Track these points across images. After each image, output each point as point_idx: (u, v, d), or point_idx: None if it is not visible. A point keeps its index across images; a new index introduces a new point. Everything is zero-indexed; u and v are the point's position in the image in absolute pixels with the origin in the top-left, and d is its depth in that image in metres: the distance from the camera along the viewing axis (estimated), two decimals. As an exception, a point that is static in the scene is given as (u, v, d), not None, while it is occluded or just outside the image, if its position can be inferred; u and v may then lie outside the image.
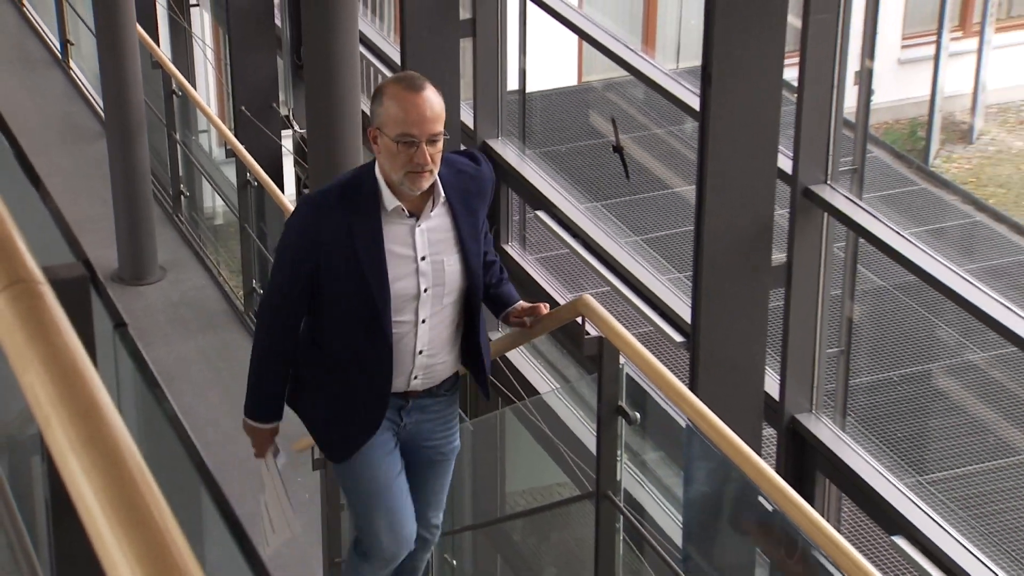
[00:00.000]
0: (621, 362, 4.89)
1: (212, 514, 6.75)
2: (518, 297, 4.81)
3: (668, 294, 9.04)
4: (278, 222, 9.51)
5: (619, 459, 5.03)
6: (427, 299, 4.46)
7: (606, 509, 5.06)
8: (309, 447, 5.54)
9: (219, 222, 12.39)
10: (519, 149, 10.65)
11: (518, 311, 4.76)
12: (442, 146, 4.34)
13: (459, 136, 10.33)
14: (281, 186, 11.06)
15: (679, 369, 8.85)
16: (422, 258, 4.43)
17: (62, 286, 2.00)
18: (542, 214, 10.19)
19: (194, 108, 11.19)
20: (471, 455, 6.62)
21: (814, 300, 7.98)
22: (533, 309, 4.77)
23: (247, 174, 9.46)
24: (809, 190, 7.82)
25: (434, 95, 4.30)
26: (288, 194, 11.42)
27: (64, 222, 9.26)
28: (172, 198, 10.67)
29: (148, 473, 1.55)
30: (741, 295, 7.81)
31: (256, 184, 9.38)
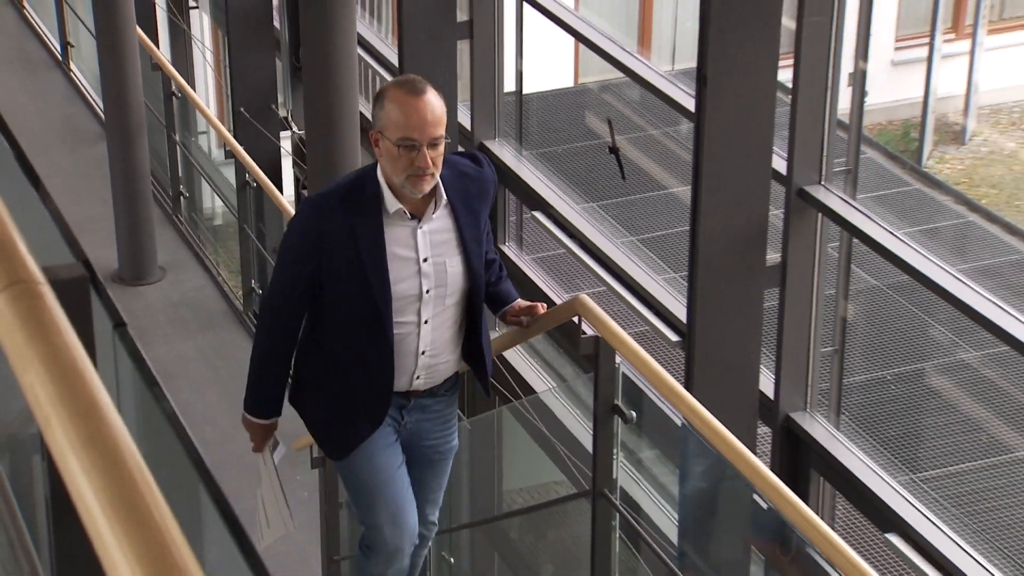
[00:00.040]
0: (617, 361, 4.89)
1: (211, 512, 6.74)
2: (516, 295, 4.83)
3: (664, 294, 9.02)
4: (277, 222, 9.52)
5: (615, 457, 5.03)
6: (429, 300, 4.48)
7: (602, 507, 5.07)
8: (308, 445, 5.56)
9: (218, 223, 12.36)
10: (516, 150, 10.64)
11: (515, 310, 4.78)
12: (443, 149, 4.34)
13: (456, 137, 10.33)
14: (280, 187, 11.04)
15: (675, 368, 8.87)
16: (424, 260, 4.44)
17: (62, 286, 2.00)
18: (539, 214, 10.17)
19: (193, 109, 11.18)
20: (469, 453, 6.61)
21: (808, 300, 7.99)
22: (530, 308, 4.77)
23: (246, 175, 9.47)
24: (803, 190, 7.82)
25: (435, 98, 4.30)
26: (287, 195, 11.42)
27: (64, 223, 9.25)
28: (172, 199, 10.67)
29: (147, 472, 1.55)
30: (736, 295, 7.80)
31: (255, 185, 9.39)
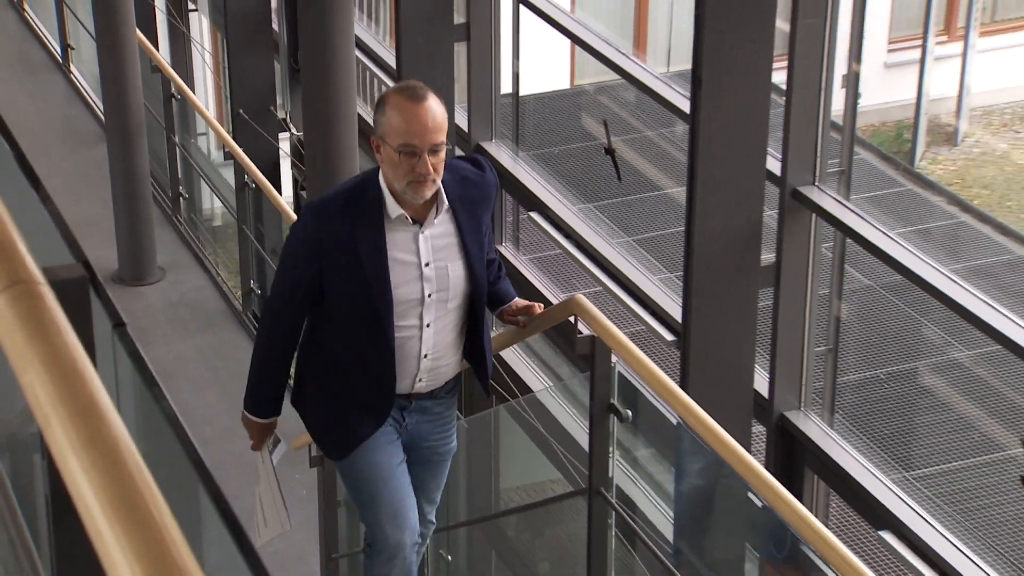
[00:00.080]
0: (613, 360, 4.90)
1: (210, 510, 6.75)
2: (514, 294, 4.84)
3: (659, 294, 9.01)
4: (275, 223, 9.55)
5: (611, 456, 5.04)
6: (431, 304, 4.48)
7: (598, 505, 5.08)
8: (307, 444, 5.56)
9: (217, 223, 12.35)
10: (512, 151, 10.65)
11: (513, 309, 4.79)
12: (444, 155, 4.34)
13: (454, 139, 10.36)
14: (278, 188, 11.04)
15: (670, 367, 8.83)
16: (426, 264, 4.44)
17: (62, 287, 2.00)
18: (535, 215, 10.17)
19: (193, 111, 11.17)
20: (466, 452, 6.59)
21: (802, 299, 7.98)
22: (527, 308, 4.78)
23: (245, 176, 9.47)
24: (797, 191, 7.82)
25: (436, 105, 4.30)
26: (285, 196, 11.40)
27: (64, 224, 9.28)
28: (171, 200, 10.66)
29: (146, 471, 1.54)
30: (731, 295, 7.81)
31: (254, 186, 9.39)
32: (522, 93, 10.83)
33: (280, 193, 9.80)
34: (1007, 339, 7.13)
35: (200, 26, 15.24)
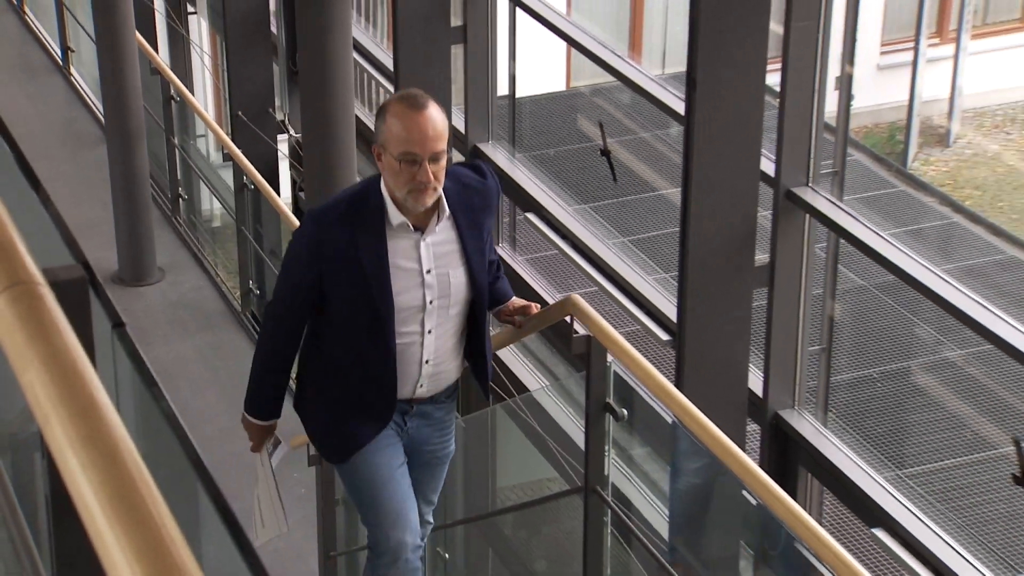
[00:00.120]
0: (609, 360, 4.91)
1: (208, 509, 6.78)
2: (511, 294, 4.85)
3: (654, 294, 9.01)
4: (274, 224, 9.58)
5: (607, 454, 5.05)
6: (433, 311, 4.48)
7: (594, 503, 5.09)
8: (305, 443, 5.50)
9: (216, 224, 12.31)
10: (509, 153, 10.64)
11: (510, 309, 4.82)
12: (445, 163, 4.34)
13: (451, 140, 10.38)
14: (277, 189, 11.04)
15: (665, 367, 8.86)
16: (427, 271, 4.44)
17: (61, 287, 2.01)
18: (532, 216, 10.17)
19: (192, 113, 11.18)
20: (463, 451, 6.55)
21: (796, 299, 7.98)
22: (524, 308, 4.81)
23: (244, 177, 9.48)
24: (791, 192, 7.82)
25: (437, 113, 4.30)
26: (284, 197, 11.42)
27: (64, 225, 9.33)
28: (171, 201, 10.68)
29: (145, 470, 1.55)
30: (725, 295, 7.81)
31: (252, 187, 9.41)
32: (518, 95, 10.82)
33: (279, 194, 9.82)
34: (999, 338, 7.13)
35: (199, 29, 15.20)
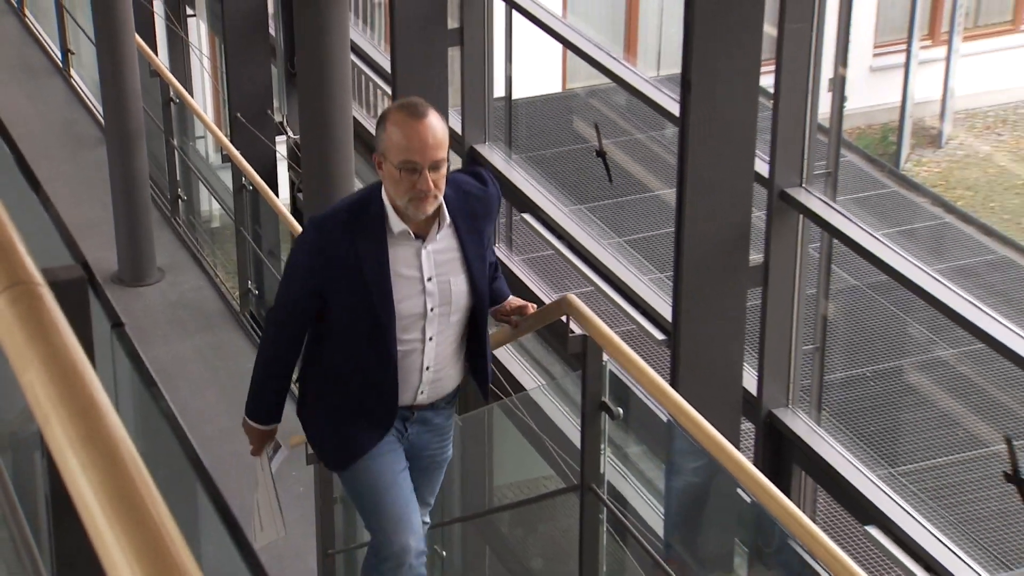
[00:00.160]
0: (604, 359, 4.92)
1: (207, 508, 6.79)
2: (508, 293, 4.87)
3: (650, 293, 9.04)
4: (273, 225, 9.61)
5: (603, 453, 5.07)
6: (434, 318, 4.48)
7: (590, 501, 5.10)
8: (303, 442, 5.58)
9: (215, 225, 12.31)
10: (505, 154, 10.67)
11: (506, 309, 4.83)
12: (445, 171, 4.32)
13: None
14: (275, 190, 11.05)
15: (660, 366, 8.84)
16: (428, 279, 4.44)
17: (61, 287, 2.02)
18: (528, 216, 10.19)
19: (191, 115, 11.20)
20: (460, 449, 6.48)
21: (790, 299, 8.01)
22: (521, 308, 4.83)
23: (242, 178, 9.50)
24: (785, 193, 7.85)
25: (437, 121, 4.28)
26: (282, 198, 11.44)
27: (64, 226, 9.35)
28: (170, 202, 10.69)
29: (145, 469, 1.55)
30: (720, 294, 7.83)
31: (251, 188, 9.43)
32: (515, 97, 10.84)
33: (277, 195, 9.86)
34: (990, 337, 7.17)
35: (198, 31, 15.18)
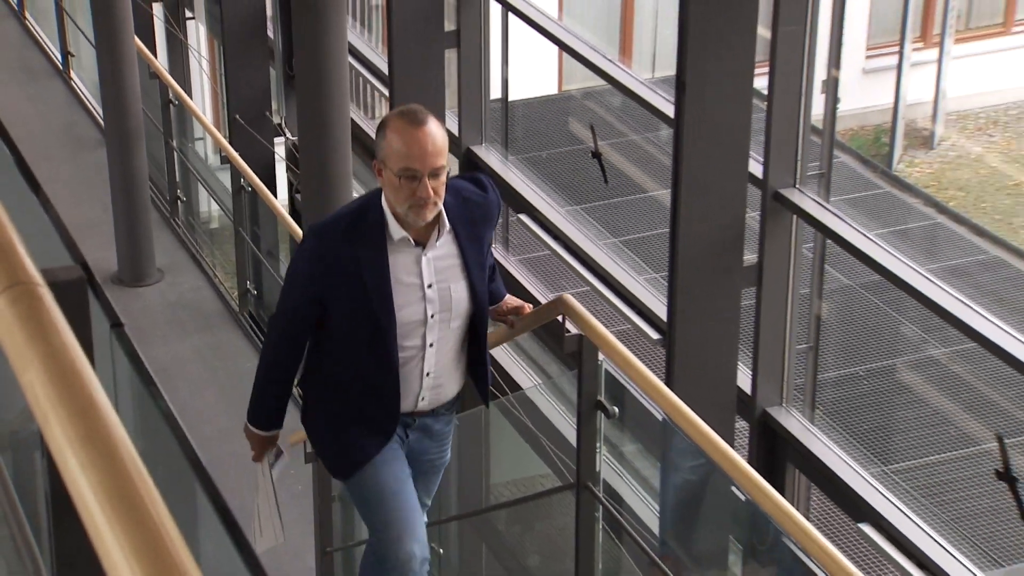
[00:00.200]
0: (600, 359, 4.94)
1: (206, 508, 6.84)
2: (505, 293, 4.88)
3: (645, 293, 9.02)
4: (271, 226, 9.66)
5: (598, 451, 5.08)
6: (434, 324, 4.49)
7: (586, 499, 5.12)
8: (302, 440, 5.57)
9: (215, 226, 12.33)
10: (502, 155, 10.67)
11: (503, 309, 4.85)
12: (445, 178, 4.32)
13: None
14: (274, 191, 11.07)
15: (655, 365, 8.79)
16: (428, 286, 4.45)
17: (60, 288, 2.02)
18: (524, 217, 10.19)
19: (190, 117, 11.20)
20: (457, 448, 6.51)
21: (784, 299, 8.00)
22: (517, 308, 4.86)
23: (241, 180, 9.55)
24: (779, 193, 7.84)
25: (436, 128, 4.27)
26: (280, 199, 11.48)
27: (63, 227, 9.42)
28: (169, 203, 10.72)
29: (144, 469, 1.55)
30: (715, 294, 7.83)
31: (250, 189, 9.49)
32: (511, 98, 10.84)
33: (275, 196, 9.88)
34: (982, 337, 7.17)
35: (197, 34, 15.16)
